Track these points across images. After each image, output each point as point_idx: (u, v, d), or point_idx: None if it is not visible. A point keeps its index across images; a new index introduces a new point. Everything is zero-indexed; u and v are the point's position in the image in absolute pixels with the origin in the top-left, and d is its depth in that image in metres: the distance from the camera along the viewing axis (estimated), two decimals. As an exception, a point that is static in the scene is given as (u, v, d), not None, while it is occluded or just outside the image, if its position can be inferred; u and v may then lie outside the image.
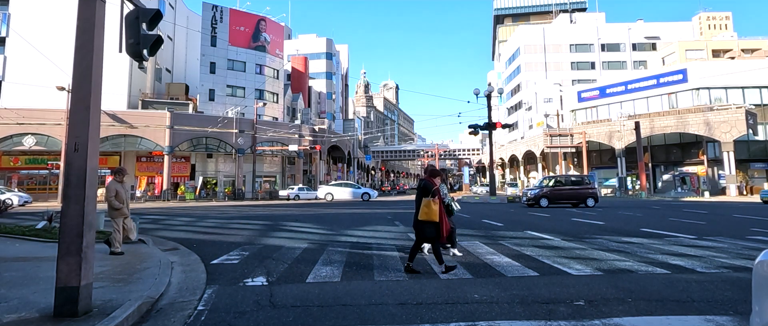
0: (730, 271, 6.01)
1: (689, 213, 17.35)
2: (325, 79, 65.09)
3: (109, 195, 7.88)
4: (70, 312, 3.92)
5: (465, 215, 16.87)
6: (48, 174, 35.05)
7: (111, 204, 7.86)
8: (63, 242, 4.07)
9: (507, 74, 74.58)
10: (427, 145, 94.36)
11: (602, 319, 3.90)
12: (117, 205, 7.86)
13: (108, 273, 5.95)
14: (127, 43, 4.92)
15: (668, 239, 9.49)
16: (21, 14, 39.30)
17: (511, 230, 11.26)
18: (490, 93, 32.83)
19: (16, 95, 36.53)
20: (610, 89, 49.14)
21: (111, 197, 7.86)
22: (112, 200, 7.85)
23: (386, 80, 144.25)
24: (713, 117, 36.75)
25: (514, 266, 6.46)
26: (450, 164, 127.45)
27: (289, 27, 72.33)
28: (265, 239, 9.86)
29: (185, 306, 4.55)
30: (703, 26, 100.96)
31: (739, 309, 4.18)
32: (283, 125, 44.86)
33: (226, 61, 46.85)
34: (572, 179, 25.00)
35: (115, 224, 7.86)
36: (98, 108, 4.36)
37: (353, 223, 13.86)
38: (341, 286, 5.34)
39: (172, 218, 16.54)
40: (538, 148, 49.73)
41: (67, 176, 4.18)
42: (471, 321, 3.88)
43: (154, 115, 37.44)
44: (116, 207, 7.86)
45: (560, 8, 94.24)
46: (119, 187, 8.00)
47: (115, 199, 7.85)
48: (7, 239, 9.27)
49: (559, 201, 22.83)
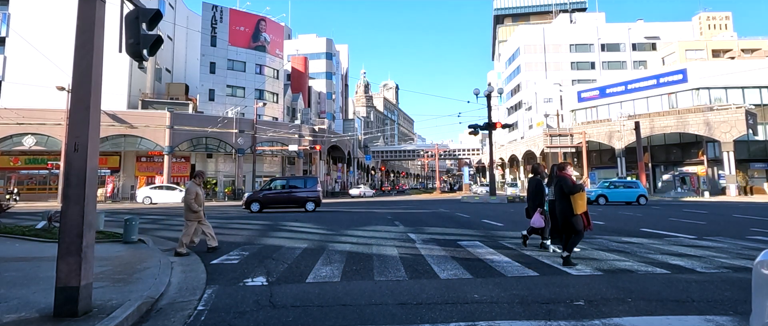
0: (730, 271, 6.00)
1: (689, 213, 17.35)
2: (325, 79, 65.09)
3: (189, 198, 7.98)
4: (70, 312, 3.92)
5: (465, 216, 16.87)
6: (48, 174, 35.07)
7: (190, 206, 7.95)
8: (63, 242, 4.06)
9: (507, 74, 74.57)
10: (427, 145, 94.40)
11: (602, 319, 3.89)
12: (195, 207, 7.95)
13: (108, 273, 5.95)
14: (127, 43, 4.92)
15: (668, 239, 9.49)
16: (21, 14, 39.29)
17: (511, 230, 11.26)
18: (490, 93, 32.83)
19: (16, 95, 36.52)
20: (610, 89, 49.13)
21: (191, 200, 7.95)
22: (191, 203, 7.93)
23: (386, 80, 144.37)
24: (713, 117, 36.75)
25: (514, 266, 6.46)
26: (450, 164, 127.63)
27: (289, 27, 72.33)
28: (264, 239, 9.86)
29: (185, 306, 4.55)
30: (703, 26, 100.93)
31: (739, 309, 4.18)
32: (283, 125, 44.87)
33: (226, 61, 46.86)
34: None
35: (188, 226, 7.92)
36: (98, 108, 4.36)
37: (353, 223, 13.86)
38: (341, 286, 5.34)
39: (171, 218, 16.54)
40: (538, 148, 49.73)
41: (67, 176, 4.18)
42: (471, 321, 3.88)
43: (154, 115, 37.45)
44: (194, 210, 7.95)
45: (560, 8, 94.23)
46: (199, 190, 8.12)
47: (194, 201, 7.94)
48: (7, 240, 9.26)
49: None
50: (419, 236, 10.27)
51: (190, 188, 8.08)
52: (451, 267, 6.39)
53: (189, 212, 8.00)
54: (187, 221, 7.99)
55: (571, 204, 6.38)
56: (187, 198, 7.98)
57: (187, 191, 8.05)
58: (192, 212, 7.97)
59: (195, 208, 7.95)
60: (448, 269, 6.28)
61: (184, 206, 8.09)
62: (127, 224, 9.08)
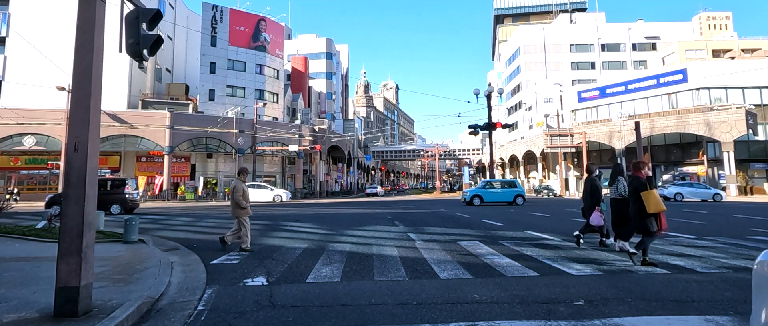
0: (730, 271, 6.00)
1: (689, 213, 17.34)
2: (325, 79, 65.10)
3: (237, 195, 8.14)
4: (70, 312, 3.93)
5: (465, 216, 16.87)
6: (48, 174, 35.06)
7: (238, 203, 8.14)
8: (63, 242, 4.07)
9: (507, 74, 74.57)
10: (427, 145, 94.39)
11: (602, 319, 3.90)
12: (244, 204, 8.15)
13: (108, 273, 5.95)
14: (127, 43, 4.92)
15: (668, 239, 9.48)
16: (21, 14, 39.30)
17: (511, 230, 11.26)
18: (490, 93, 32.84)
19: (16, 95, 36.54)
20: (610, 89, 49.14)
21: (239, 197, 8.12)
22: (239, 200, 8.11)
23: (386, 80, 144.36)
24: (713, 117, 36.74)
25: (514, 266, 6.46)
26: (450, 164, 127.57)
27: (289, 27, 72.34)
28: (264, 239, 9.86)
29: (185, 306, 4.55)
30: (703, 26, 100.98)
31: (739, 309, 4.18)
32: (283, 125, 44.86)
33: (226, 61, 46.86)
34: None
35: (243, 223, 8.14)
36: (98, 108, 4.36)
37: (353, 223, 13.86)
38: (341, 286, 5.34)
39: (172, 218, 16.54)
40: (538, 148, 49.73)
41: (67, 176, 4.18)
42: (471, 321, 3.88)
43: (154, 115, 37.45)
44: (243, 206, 8.14)
45: (560, 8, 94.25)
46: (245, 187, 8.30)
47: (242, 198, 8.13)
48: (7, 239, 9.26)
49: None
50: (419, 236, 10.27)
51: (237, 185, 8.24)
52: (451, 267, 6.39)
53: (238, 209, 8.20)
54: (240, 218, 8.22)
55: (643, 204, 6.37)
56: (236, 196, 8.16)
57: (235, 188, 8.21)
58: (241, 209, 8.18)
59: (243, 204, 8.16)
60: (448, 269, 6.28)
61: (232, 204, 8.26)
62: (127, 224, 9.08)
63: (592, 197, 8.28)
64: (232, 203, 8.29)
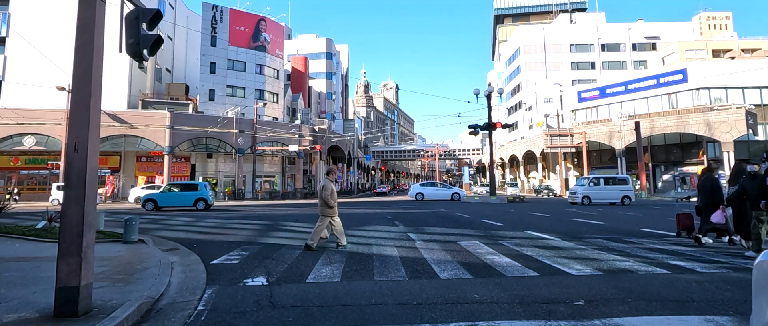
0: (730, 271, 6.01)
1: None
2: (325, 79, 65.08)
3: (325, 194, 8.22)
4: (70, 312, 3.93)
5: (465, 216, 16.87)
6: (48, 174, 35.05)
7: (327, 202, 8.21)
8: (63, 242, 4.06)
9: (507, 74, 74.57)
10: (427, 145, 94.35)
11: (602, 319, 3.89)
12: (332, 203, 8.22)
13: (108, 273, 5.94)
14: (127, 43, 4.92)
15: (668, 239, 9.49)
16: (21, 14, 39.30)
17: (511, 230, 11.26)
18: (490, 93, 32.83)
19: (16, 95, 36.54)
20: (610, 89, 49.13)
21: (327, 196, 8.20)
22: (328, 199, 8.19)
23: (386, 80, 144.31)
24: (713, 117, 36.75)
25: (514, 266, 6.46)
26: (450, 164, 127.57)
27: (289, 27, 72.33)
28: (265, 239, 9.86)
29: (185, 306, 4.55)
30: (703, 26, 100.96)
31: (739, 309, 4.18)
32: (283, 125, 44.86)
33: (226, 61, 46.85)
34: None
35: (322, 221, 8.19)
36: (98, 108, 4.36)
37: (353, 223, 13.86)
38: (341, 286, 5.34)
39: (172, 218, 16.54)
40: (538, 148, 49.72)
41: (67, 176, 4.18)
42: (471, 321, 3.88)
43: (154, 115, 37.44)
44: (331, 205, 8.21)
45: (560, 8, 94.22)
46: (334, 186, 8.43)
47: (330, 197, 8.20)
48: (7, 239, 9.26)
49: None
50: (419, 236, 10.27)
51: (325, 184, 8.35)
52: (451, 267, 6.39)
53: (325, 208, 8.26)
54: (322, 216, 8.26)
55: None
56: (324, 194, 8.24)
57: (324, 187, 8.32)
58: (328, 208, 8.24)
59: (331, 203, 8.22)
60: (448, 269, 6.28)
61: (321, 202, 8.34)
62: (127, 224, 9.08)
63: (713, 196, 8.28)
64: (320, 201, 8.37)
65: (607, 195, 25.12)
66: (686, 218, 9.59)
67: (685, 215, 9.64)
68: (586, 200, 24.92)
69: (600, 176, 27.58)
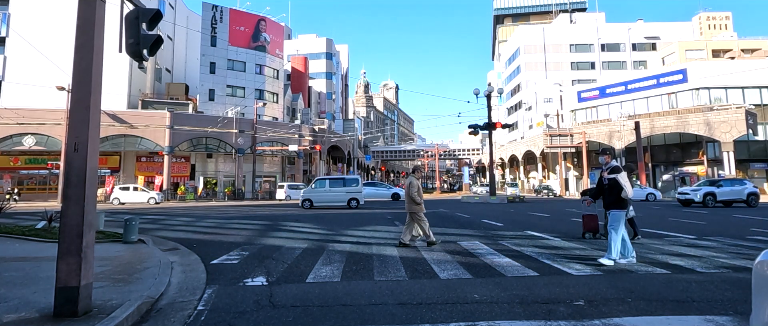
0: (730, 271, 6.00)
1: (689, 213, 17.34)
2: (325, 79, 65.10)
3: (412, 191, 8.46)
4: (70, 312, 3.92)
5: (465, 216, 16.87)
6: (48, 174, 35.08)
7: (414, 199, 8.44)
8: (63, 242, 4.06)
9: (507, 74, 74.58)
10: (427, 145, 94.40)
11: (602, 319, 3.89)
12: (419, 200, 8.43)
13: (108, 273, 5.94)
14: (127, 43, 4.91)
15: (668, 239, 9.48)
16: (21, 14, 39.30)
17: (511, 230, 11.26)
18: (490, 93, 32.85)
19: (16, 95, 36.55)
20: (610, 89, 49.14)
21: (414, 192, 8.44)
22: (415, 195, 8.42)
23: (386, 80, 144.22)
24: (713, 117, 36.75)
25: (514, 266, 6.46)
26: (450, 164, 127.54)
27: (289, 27, 72.34)
28: (264, 239, 9.86)
29: (185, 306, 4.55)
30: (703, 26, 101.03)
31: (739, 309, 4.18)
32: (283, 125, 44.87)
33: (226, 61, 46.87)
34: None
35: (419, 217, 8.41)
36: (98, 108, 4.36)
37: (353, 223, 13.86)
38: (341, 286, 5.34)
39: (171, 218, 16.54)
40: (538, 148, 49.73)
41: (67, 176, 4.17)
42: (471, 321, 3.88)
43: (154, 115, 37.45)
44: (418, 202, 8.43)
45: (560, 8, 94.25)
46: (420, 184, 8.68)
47: (417, 194, 8.44)
48: (7, 239, 9.26)
49: None
50: (419, 236, 10.26)
51: (412, 181, 8.60)
52: (450, 267, 6.39)
53: (413, 204, 8.44)
54: (415, 213, 8.44)
55: None
56: (411, 191, 8.45)
57: (410, 184, 8.54)
58: (415, 204, 8.42)
59: (418, 200, 8.41)
60: (448, 269, 6.28)
61: (407, 199, 8.55)
62: (127, 224, 9.07)
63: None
64: (406, 198, 8.56)
65: None
66: (591, 219, 9.61)
67: (590, 216, 9.63)
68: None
69: None
